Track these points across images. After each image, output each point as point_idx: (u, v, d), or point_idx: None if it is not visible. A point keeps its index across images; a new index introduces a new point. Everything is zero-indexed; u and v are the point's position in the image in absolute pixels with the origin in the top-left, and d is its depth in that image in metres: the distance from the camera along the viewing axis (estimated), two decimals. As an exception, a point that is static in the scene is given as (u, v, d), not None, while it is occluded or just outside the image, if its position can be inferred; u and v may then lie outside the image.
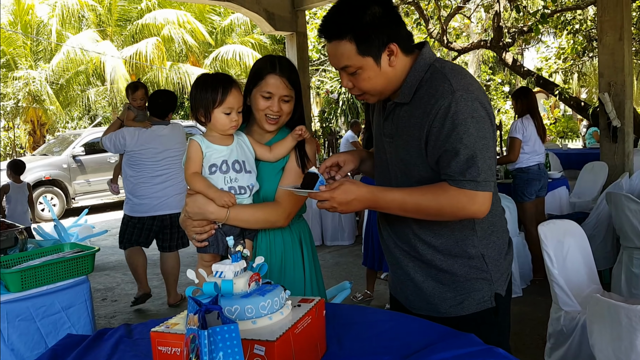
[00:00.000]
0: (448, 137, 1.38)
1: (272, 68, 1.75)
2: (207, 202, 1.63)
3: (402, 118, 1.50)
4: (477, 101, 1.39)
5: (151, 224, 4.40)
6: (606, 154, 5.37)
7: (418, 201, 1.42)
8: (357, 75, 1.47)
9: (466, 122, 1.37)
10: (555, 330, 2.57)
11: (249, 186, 1.70)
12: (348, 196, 1.41)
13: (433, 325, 1.42)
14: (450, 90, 1.39)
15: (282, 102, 1.75)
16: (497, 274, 1.53)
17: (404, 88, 1.48)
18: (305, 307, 1.28)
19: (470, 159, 1.37)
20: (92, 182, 10.90)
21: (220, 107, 1.65)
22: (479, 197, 1.40)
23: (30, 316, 2.21)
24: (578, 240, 2.73)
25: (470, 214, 1.43)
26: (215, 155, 1.67)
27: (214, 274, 1.26)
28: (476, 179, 1.38)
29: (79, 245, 2.52)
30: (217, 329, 0.93)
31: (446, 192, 1.40)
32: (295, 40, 7.81)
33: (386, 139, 1.57)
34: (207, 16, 17.70)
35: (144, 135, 4.26)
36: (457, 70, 1.45)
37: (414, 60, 1.49)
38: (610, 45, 5.17)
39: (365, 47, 1.42)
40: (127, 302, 4.73)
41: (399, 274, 1.64)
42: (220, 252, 1.66)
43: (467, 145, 1.37)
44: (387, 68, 1.45)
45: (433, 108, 1.40)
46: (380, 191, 1.46)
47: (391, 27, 1.44)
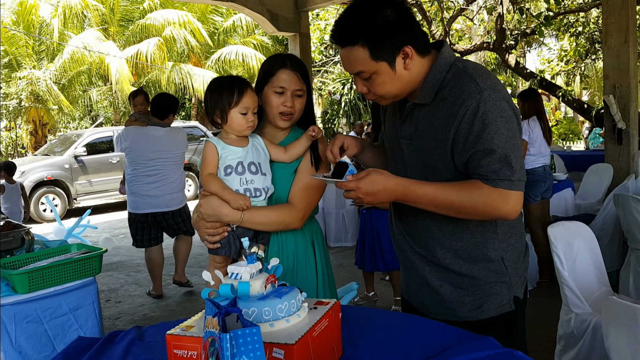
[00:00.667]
0: (479, 137, 1.35)
1: (283, 63, 1.74)
2: (221, 204, 1.61)
3: (423, 119, 1.46)
4: (505, 100, 1.37)
5: (147, 221, 4.57)
6: (611, 156, 5.36)
7: (451, 197, 1.39)
8: (371, 80, 1.44)
9: (496, 121, 1.34)
10: (566, 332, 2.55)
11: (264, 188, 1.68)
12: (374, 187, 1.37)
13: (450, 328, 1.40)
14: (477, 90, 1.35)
15: (294, 97, 1.73)
16: (516, 277, 1.52)
17: (424, 89, 1.45)
18: (322, 310, 1.26)
19: (503, 159, 1.35)
20: (93, 182, 10.89)
21: (236, 107, 1.65)
22: (513, 196, 1.37)
23: (38, 318, 2.19)
24: (587, 242, 2.71)
25: (503, 214, 1.40)
26: (231, 157, 1.66)
27: (229, 276, 1.24)
28: (510, 178, 1.35)
29: (86, 246, 2.50)
30: (239, 332, 0.91)
31: (480, 190, 1.37)
32: (298, 41, 7.81)
33: (404, 140, 1.53)
34: (210, 17, 17.71)
35: (138, 134, 4.46)
36: (481, 69, 1.42)
37: (433, 60, 1.45)
38: (616, 47, 5.16)
39: (379, 52, 1.39)
40: (132, 304, 4.72)
41: (413, 277, 1.61)
42: (232, 255, 1.65)
43: (499, 145, 1.34)
44: (403, 71, 1.42)
45: (460, 109, 1.36)
46: (411, 183, 1.41)
47: (405, 29, 1.40)
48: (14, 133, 17.48)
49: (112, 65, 14.96)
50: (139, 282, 5.43)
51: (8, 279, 2.21)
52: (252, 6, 7.21)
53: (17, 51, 15.43)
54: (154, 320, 4.27)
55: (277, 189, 1.74)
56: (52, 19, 15.77)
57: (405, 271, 1.67)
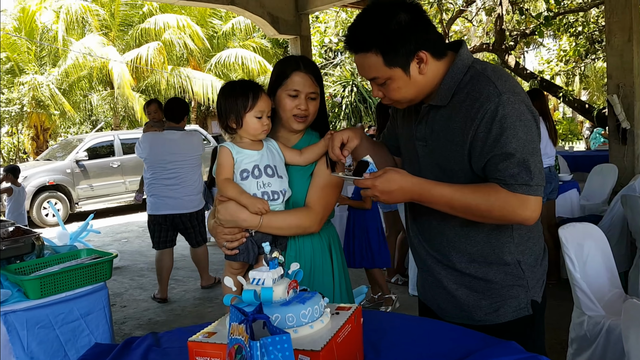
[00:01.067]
0: (497, 141, 1.33)
1: (297, 66, 1.72)
2: (239, 209, 1.60)
3: (439, 121, 1.45)
4: (524, 104, 1.35)
5: (165, 222, 4.72)
6: (615, 156, 5.35)
7: (467, 199, 1.37)
8: (386, 86, 1.43)
9: (515, 125, 1.33)
10: (578, 335, 2.54)
11: (281, 191, 1.67)
12: (391, 185, 1.37)
13: (471, 333, 1.38)
14: (496, 93, 1.34)
15: (308, 99, 1.72)
16: (533, 280, 1.50)
17: (441, 90, 1.43)
18: (344, 315, 1.25)
19: (521, 163, 1.33)
20: (95, 187, 10.88)
21: (251, 111, 1.63)
22: (531, 201, 1.35)
23: (50, 323, 2.18)
24: (598, 243, 2.70)
25: (520, 219, 1.38)
26: (246, 161, 1.64)
27: (251, 282, 1.23)
28: (528, 182, 1.34)
29: (95, 251, 2.49)
30: (269, 340, 0.90)
31: (498, 194, 1.35)
32: (298, 43, 7.81)
33: (419, 142, 1.52)
34: (209, 20, 17.71)
35: (155, 139, 4.67)
36: (499, 72, 1.41)
37: (450, 62, 1.44)
38: (619, 46, 5.15)
39: (392, 58, 1.37)
40: (137, 308, 4.70)
41: (429, 281, 1.61)
42: (250, 260, 1.63)
43: (517, 149, 1.33)
44: (418, 76, 1.40)
45: (479, 112, 1.35)
46: (428, 184, 1.40)
47: (419, 34, 1.38)
48: (15, 138, 17.47)
49: (115, 70, 14.96)
50: (143, 286, 5.41)
51: (20, 285, 2.20)
52: (253, 9, 7.22)
53: (19, 57, 15.43)
54: (160, 324, 4.26)
55: (294, 193, 1.73)
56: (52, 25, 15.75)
57: (422, 274, 1.66)
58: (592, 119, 11.04)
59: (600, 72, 19.06)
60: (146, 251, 7.13)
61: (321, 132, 1.81)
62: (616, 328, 2.41)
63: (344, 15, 12.48)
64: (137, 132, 12.23)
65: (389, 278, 4.89)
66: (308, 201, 1.72)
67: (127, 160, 11.20)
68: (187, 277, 5.65)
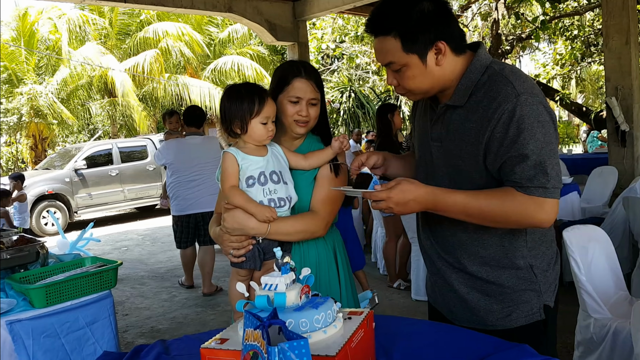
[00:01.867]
0: (514, 142, 1.32)
1: (298, 72, 1.72)
2: (247, 217, 1.58)
3: (455, 122, 1.44)
4: (542, 105, 1.34)
5: (189, 221, 5.09)
6: (615, 158, 5.37)
7: (482, 206, 1.36)
8: (401, 73, 1.42)
9: (532, 126, 1.31)
10: (585, 338, 2.53)
11: (287, 198, 1.66)
12: (406, 196, 1.35)
13: (483, 337, 1.38)
14: (514, 94, 1.33)
15: (309, 105, 1.72)
16: (546, 284, 1.49)
17: (458, 90, 1.42)
18: (356, 320, 1.25)
19: (538, 165, 1.32)
20: (94, 195, 10.86)
21: (257, 117, 1.61)
22: (548, 204, 1.34)
23: (55, 332, 2.16)
24: (603, 246, 2.69)
25: (537, 223, 1.37)
26: (252, 167, 1.63)
27: (263, 287, 1.23)
28: (545, 185, 1.32)
29: (100, 259, 2.48)
30: (287, 345, 0.90)
31: (513, 198, 1.34)
32: (296, 50, 7.83)
33: (434, 143, 1.51)
34: (205, 28, 17.75)
35: (179, 144, 5.08)
36: (518, 72, 1.39)
37: (469, 61, 1.43)
38: (617, 49, 5.18)
39: (411, 44, 1.37)
40: (139, 316, 4.68)
41: (440, 284, 1.60)
42: (257, 267, 1.62)
43: (534, 150, 1.31)
44: (434, 67, 1.40)
45: (496, 112, 1.34)
46: (442, 192, 1.39)
47: (441, 24, 1.38)
48: (14, 148, 17.44)
49: (117, 79, 14.98)
50: (144, 294, 5.39)
51: (25, 294, 2.19)
52: (251, 16, 7.25)
53: (17, 67, 15.43)
54: (162, 332, 4.24)
55: (298, 197, 1.72)
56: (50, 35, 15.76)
57: (432, 278, 1.65)
58: (589, 122, 11.08)
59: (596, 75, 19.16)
60: (146, 259, 7.12)
61: (322, 136, 1.82)
62: (623, 330, 2.41)
63: (341, 22, 12.53)
64: (136, 141, 12.24)
65: (391, 283, 4.88)
66: (313, 206, 1.72)
67: (126, 168, 11.20)
68: (188, 285, 5.62)
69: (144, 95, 16.64)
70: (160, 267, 6.63)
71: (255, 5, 7.19)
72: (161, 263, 6.83)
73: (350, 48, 13.63)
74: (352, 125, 14.06)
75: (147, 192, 11.48)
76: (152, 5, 6.38)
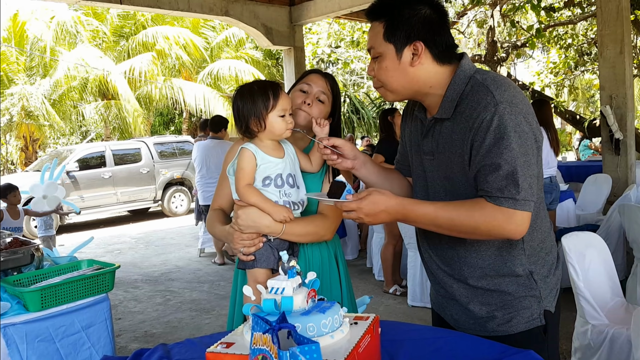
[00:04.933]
0: (489, 151, 1.32)
1: (316, 70, 1.80)
2: (262, 216, 1.57)
3: (443, 134, 1.44)
4: (522, 115, 1.33)
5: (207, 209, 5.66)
6: (609, 166, 5.40)
7: (451, 217, 1.35)
8: (378, 62, 1.45)
9: (509, 136, 1.30)
10: (582, 344, 2.53)
11: (300, 202, 1.65)
12: (376, 207, 1.35)
13: (489, 343, 1.37)
14: (493, 103, 1.32)
15: (317, 100, 1.72)
16: (546, 290, 1.49)
17: (445, 103, 1.42)
18: (363, 325, 1.24)
19: (509, 175, 1.30)
20: (86, 197, 10.76)
21: (274, 110, 1.59)
22: (517, 216, 1.32)
23: (50, 336, 2.13)
24: (600, 252, 2.70)
25: (506, 234, 1.35)
26: (270, 168, 1.60)
27: (269, 290, 1.21)
28: (515, 196, 1.31)
29: (96, 262, 2.45)
30: (299, 350, 0.88)
31: (482, 209, 1.33)
32: (292, 54, 7.85)
33: (426, 156, 1.52)
34: (201, 31, 17.73)
35: (201, 147, 6.30)
36: (500, 81, 1.38)
37: (452, 72, 1.43)
38: (611, 58, 5.22)
39: (391, 33, 1.41)
40: (132, 320, 4.64)
41: (441, 293, 1.60)
42: (271, 265, 1.60)
43: (507, 160, 1.30)
44: (408, 66, 1.41)
45: (475, 122, 1.34)
46: (411, 204, 1.39)
47: (428, 28, 1.40)
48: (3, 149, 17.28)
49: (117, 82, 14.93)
50: (137, 298, 5.34)
51: (19, 297, 2.16)
52: (247, 20, 7.25)
53: (7, 67, 15.31)
54: (156, 337, 4.20)
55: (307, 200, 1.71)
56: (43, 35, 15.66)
57: (434, 287, 1.65)
58: (582, 130, 11.15)
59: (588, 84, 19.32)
60: (140, 263, 7.06)
61: None
62: (620, 337, 2.41)
63: (337, 27, 12.56)
64: (130, 143, 12.19)
65: (387, 289, 4.87)
66: (322, 209, 1.72)
67: (119, 171, 11.13)
68: (182, 289, 5.59)
69: (138, 98, 16.58)
70: (154, 270, 6.58)
71: (252, 9, 7.20)
72: (155, 266, 6.78)
73: (346, 53, 13.67)
74: (347, 130, 14.08)
75: (141, 195, 11.40)
76: (149, 8, 6.37)
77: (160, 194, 11.63)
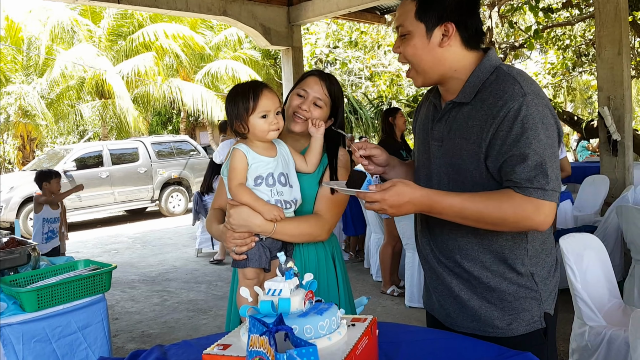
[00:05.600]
0: (516, 141, 1.32)
1: (315, 72, 1.77)
2: (253, 215, 1.56)
3: (459, 119, 1.44)
4: (547, 108, 1.34)
5: None
6: (607, 167, 5.40)
7: (479, 208, 1.34)
8: (406, 40, 1.45)
9: (536, 127, 1.31)
10: (580, 345, 2.53)
11: (292, 200, 1.64)
12: (401, 198, 1.33)
13: (485, 344, 1.37)
14: (521, 93, 1.33)
15: (314, 105, 1.72)
16: (546, 292, 1.48)
17: (466, 87, 1.43)
18: (360, 327, 1.23)
19: (538, 166, 1.30)
20: (83, 197, 10.71)
21: (254, 112, 1.59)
22: (546, 207, 1.32)
23: (46, 337, 2.12)
24: (597, 254, 2.71)
25: (534, 225, 1.35)
26: (261, 168, 1.61)
27: (266, 292, 1.20)
28: (544, 187, 1.30)
29: (93, 262, 2.44)
30: (296, 352, 0.88)
31: (511, 200, 1.32)
32: (290, 54, 7.84)
33: (434, 142, 1.51)
34: (199, 31, 17.71)
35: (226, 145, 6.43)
36: (525, 75, 1.40)
37: (478, 60, 1.44)
38: (609, 59, 5.23)
39: (423, 12, 1.41)
40: (129, 320, 4.62)
41: (439, 289, 1.57)
42: (263, 265, 1.59)
43: (536, 151, 1.30)
44: (436, 46, 1.42)
45: (501, 110, 1.34)
46: (437, 195, 1.37)
47: (461, 11, 1.41)
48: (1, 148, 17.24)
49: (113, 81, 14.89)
50: (134, 298, 5.33)
51: (16, 297, 2.15)
52: (245, 20, 7.24)
53: (4, 66, 15.26)
54: (153, 337, 4.19)
55: (302, 199, 1.71)
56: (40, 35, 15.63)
57: (431, 282, 1.62)
58: (580, 131, 11.17)
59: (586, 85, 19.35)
60: (137, 262, 7.05)
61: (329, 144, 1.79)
62: (617, 338, 2.41)
63: (335, 27, 12.55)
64: (127, 143, 12.17)
65: (385, 289, 4.86)
66: (318, 209, 1.71)
67: (116, 170, 11.11)
68: (179, 289, 5.58)
69: (135, 97, 16.55)
70: (151, 270, 6.57)
71: (250, 9, 7.18)
72: (152, 267, 6.77)
73: (344, 53, 13.66)
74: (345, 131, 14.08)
75: (138, 195, 11.38)
76: (146, 7, 6.35)
77: (157, 194, 11.61)
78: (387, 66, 13.77)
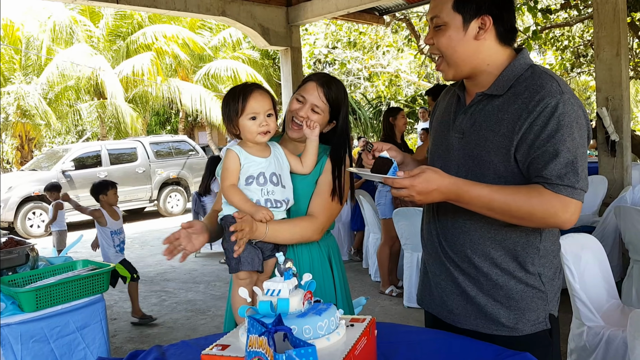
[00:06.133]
0: (551, 137, 1.32)
1: (315, 76, 1.77)
2: None
3: (487, 111, 1.43)
4: (581, 109, 1.36)
5: None
6: (605, 167, 5.41)
7: (507, 201, 1.33)
8: (440, 31, 1.44)
9: (571, 125, 1.32)
10: (578, 346, 2.54)
11: (284, 200, 1.65)
12: (429, 185, 1.32)
13: (484, 345, 1.37)
14: (559, 91, 1.34)
15: (312, 111, 1.72)
16: (552, 293, 1.47)
17: (499, 80, 1.43)
18: (359, 327, 1.23)
19: (570, 164, 1.31)
20: (81, 197, 10.70)
21: (243, 114, 1.60)
22: (573, 205, 1.32)
23: (45, 337, 2.12)
24: (595, 254, 2.71)
25: (559, 223, 1.35)
26: (253, 167, 1.61)
27: (265, 292, 1.21)
28: (574, 185, 1.31)
29: (92, 263, 2.44)
30: (295, 353, 0.88)
31: (540, 195, 1.32)
32: (289, 55, 7.84)
33: (456, 134, 1.50)
34: (198, 32, 17.71)
35: None
36: (558, 76, 1.42)
37: (511, 57, 1.45)
38: (608, 60, 5.24)
39: (461, 4, 1.40)
40: (127, 320, 4.62)
41: (442, 285, 1.55)
42: (255, 268, 1.60)
43: (569, 149, 1.31)
44: (472, 39, 1.41)
45: (538, 105, 1.34)
46: (466, 184, 1.35)
47: (498, 5, 1.41)
48: (0, 148, 17.23)
49: (107, 80, 14.87)
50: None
51: (14, 297, 2.14)
52: (244, 20, 7.24)
53: (3, 66, 15.25)
54: (152, 337, 4.19)
55: (297, 201, 1.71)
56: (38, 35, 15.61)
57: (434, 279, 1.58)
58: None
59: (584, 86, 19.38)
60: (135, 263, 7.00)
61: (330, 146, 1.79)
62: (615, 338, 2.42)
63: (334, 27, 12.56)
64: (126, 143, 12.16)
65: (383, 289, 4.87)
66: (312, 210, 1.71)
67: (115, 170, 11.09)
68: (177, 289, 5.58)
69: (134, 97, 16.54)
70: (149, 270, 6.56)
71: (248, 9, 7.19)
72: (150, 267, 6.76)
73: (342, 54, 13.67)
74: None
75: (137, 195, 11.37)
76: (145, 7, 6.34)
77: (156, 194, 11.61)
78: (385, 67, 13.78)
